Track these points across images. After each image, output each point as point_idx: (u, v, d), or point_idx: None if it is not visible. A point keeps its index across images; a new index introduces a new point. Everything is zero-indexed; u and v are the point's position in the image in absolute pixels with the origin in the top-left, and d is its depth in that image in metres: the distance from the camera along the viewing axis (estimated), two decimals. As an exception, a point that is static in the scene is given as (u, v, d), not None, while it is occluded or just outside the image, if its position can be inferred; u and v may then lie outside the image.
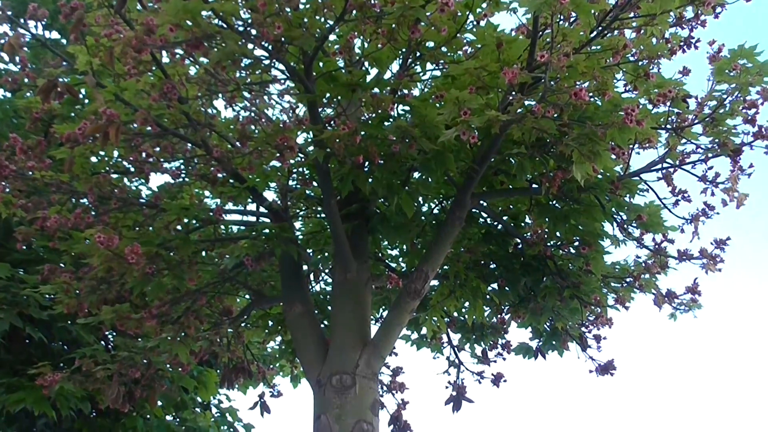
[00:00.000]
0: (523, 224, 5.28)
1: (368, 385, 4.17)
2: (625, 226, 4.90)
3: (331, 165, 4.31)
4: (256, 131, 4.93)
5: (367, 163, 4.27)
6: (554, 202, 4.91)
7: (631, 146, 4.42)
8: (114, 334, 7.33)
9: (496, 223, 5.26)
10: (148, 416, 7.70)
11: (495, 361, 5.81)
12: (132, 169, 4.97)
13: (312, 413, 4.27)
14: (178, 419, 8.08)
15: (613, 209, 4.82)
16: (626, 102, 3.82)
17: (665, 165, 4.71)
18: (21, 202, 4.60)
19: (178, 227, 4.93)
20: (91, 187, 4.54)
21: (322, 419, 4.06)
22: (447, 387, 5.65)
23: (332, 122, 4.30)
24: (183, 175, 5.16)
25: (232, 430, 8.46)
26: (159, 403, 7.62)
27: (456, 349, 5.89)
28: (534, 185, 4.73)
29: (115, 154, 4.93)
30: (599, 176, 4.46)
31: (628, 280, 5.19)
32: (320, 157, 3.94)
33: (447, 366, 5.86)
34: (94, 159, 4.86)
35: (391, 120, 4.23)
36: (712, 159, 4.64)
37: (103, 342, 7.61)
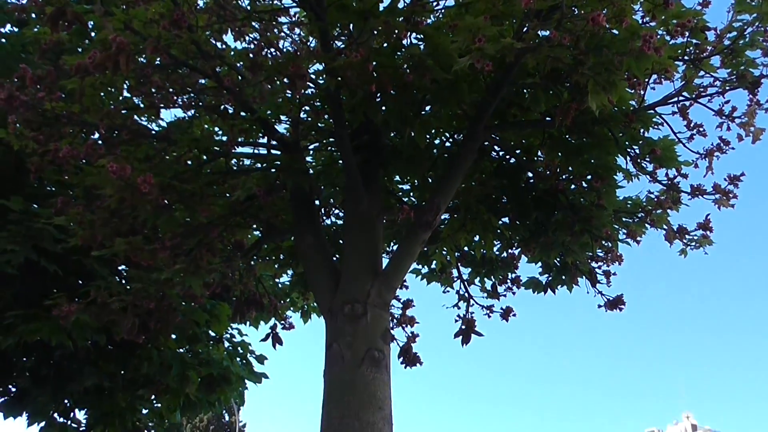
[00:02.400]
0: (535, 158, 5.24)
1: (379, 314, 4.21)
2: (639, 160, 4.87)
3: (342, 96, 4.27)
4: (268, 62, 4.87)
5: (379, 94, 4.23)
6: (567, 135, 4.87)
7: (647, 78, 4.36)
8: (127, 268, 7.42)
9: (508, 157, 5.23)
10: (162, 348, 7.85)
11: (504, 296, 5.85)
12: (142, 106, 4.94)
13: (324, 343, 4.34)
14: (191, 352, 8.23)
15: (627, 143, 4.78)
16: (644, 31, 3.75)
17: (681, 98, 4.65)
18: (32, 134, 4.59)
19: (189, 162, 4.93)
20: (102, 118, 4.52)
21: (333, 347, 4.12)
22: (456, 321, 5.72)
23: (344, 53, 4.24)
24: (193, 109, 5.13)
25: (244, 362, 8.61)
26: (173, 336, 7.76)
27: (466, 283, 5.92)
28: (547, 118, 4.68)
29: (125, 89, 4.89)
30: (614, 108, 4.41)
31: (639, 215, 5.18)
32: (332, 86, 3.91)
33: (457, 300, 5.91)
34: (104, 95, 4.83)
35: (403, 50, 4.17)
36: (730, 92, 4.57)
37: (117, 277, 7.70)
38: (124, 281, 7.57)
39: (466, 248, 5.79)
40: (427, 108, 4.63)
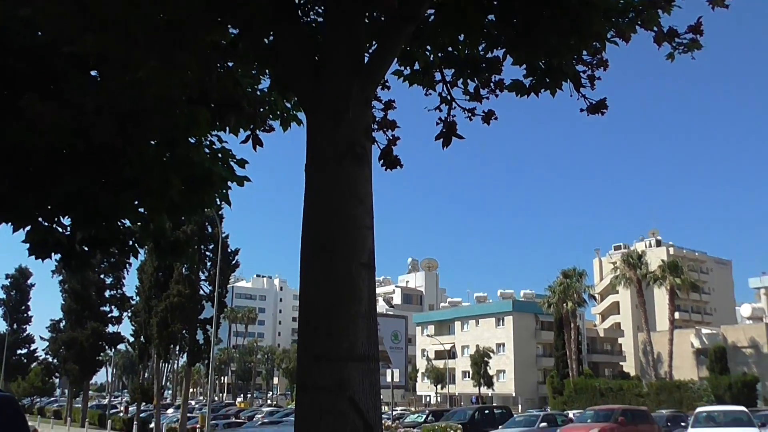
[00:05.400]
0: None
1: (362, 110, 4.15)
2: (634, -47, 4.63)
3: None
4: None
5: None
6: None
7: None
8: (100, 73, 7.18)
9: (498, -50, 4.95)
10: (142, 153, 7.77)
11: (487, 98, 5.74)
12: None
13: (305, 142, 4.30)
14: (172, 156, 8.16)
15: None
16: None
17: None
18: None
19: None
20: None
21: (315, 142, 4.10)
22: (438, 124, 5.68)
23: None
24: None
25: (226, 166, 8.59)
26: (152, 142, 7.68)
27: (448, 85, 5.79)
28: None
29: None
30: None
31: (630, 14, 5.01)
32: None
33: (439, 102, 5.81)
34: None
35: None
36: None
37: (91, 84, 7.46)
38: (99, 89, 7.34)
39: (450, 48, 5.60)
40: None
